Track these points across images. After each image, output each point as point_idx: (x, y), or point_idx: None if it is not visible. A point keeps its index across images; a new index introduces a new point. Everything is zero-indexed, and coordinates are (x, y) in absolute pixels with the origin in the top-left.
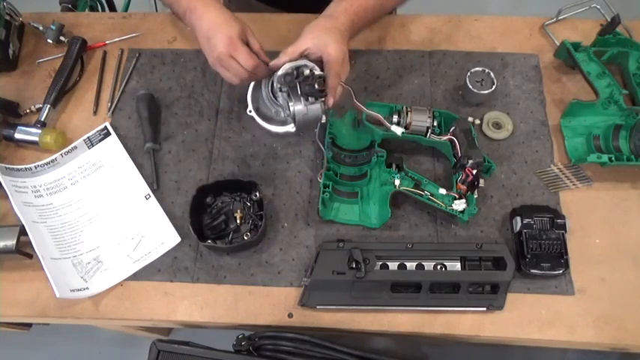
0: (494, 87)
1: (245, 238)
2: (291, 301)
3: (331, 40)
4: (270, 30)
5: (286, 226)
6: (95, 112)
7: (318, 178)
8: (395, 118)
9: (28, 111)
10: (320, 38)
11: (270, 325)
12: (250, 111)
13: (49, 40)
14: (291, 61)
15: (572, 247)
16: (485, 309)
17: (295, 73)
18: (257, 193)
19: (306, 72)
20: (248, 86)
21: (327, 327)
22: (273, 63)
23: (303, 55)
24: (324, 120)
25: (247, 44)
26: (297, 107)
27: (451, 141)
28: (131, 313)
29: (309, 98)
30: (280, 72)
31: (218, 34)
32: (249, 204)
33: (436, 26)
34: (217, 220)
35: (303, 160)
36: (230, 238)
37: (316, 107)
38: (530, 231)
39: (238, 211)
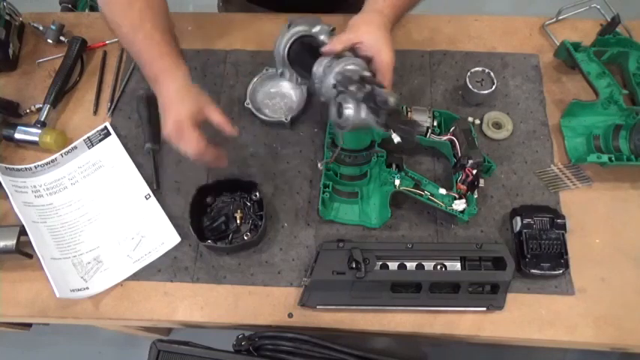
0: (494, 87)
1: (245, 238)
2: (291, 301)
3: (384, 43)
4: (265, 31)
5: (286, 226)
6: (95, 112)
7: (319, 166)
8: None
9: (28, 111)
10: (376, 39)
11: (270, 325)
12: (248, 103)
13: (49, 40)
14: (344, 50)
15: (572, 247)
16: (485, 309)
17: (358, 79)
18: (257, 193)
19: (364, 75)
20: (249, 83)
21: (327, 327)
22: (327, 48)
23: (352, 47)
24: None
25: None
26: (362, 114)
27: (451, 141)
28: (131, 313)
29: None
30: (338, 71)
31: (168, 115)
32: (249, 204)
33: (436, 26)
34: (217, 221)
35: (303, 160)
36: (230, 238)
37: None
38: (530, 231)
39: (238, 211)
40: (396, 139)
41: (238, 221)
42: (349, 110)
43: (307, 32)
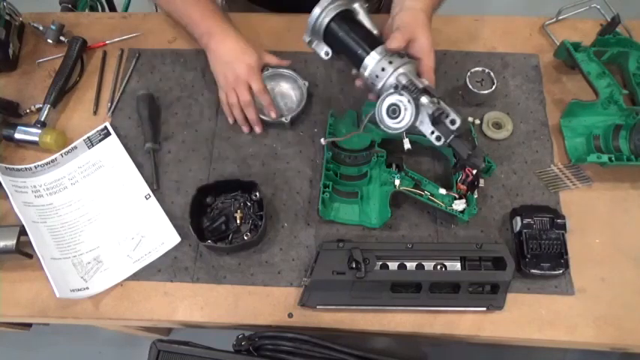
0: (494, 87)
1: (245, 238)
2: (291, 301)
3: (431, 47)
4: (265, 31)
5: (286, 226)
6: (95, 112)
7: (322, 141)
8: None
9: (28, 111)
10: (427, 42)
11: (270, 325)
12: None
13: (49, 40)
14: (398, 48)
15: (572, 247)
16: (485, 309)
17: (422, 89)
18: (257, 193)
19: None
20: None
21: (327, 327)
22: (393, 46)
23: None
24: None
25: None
26: (421, 123)
27: None
28: (131, 313)
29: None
30: (403, 72)
31: (239, 61)
32: (249, 204)
33: (436, 26)
34: (217, 221)
35: (303, 160)
36: (230, 238)
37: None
38: (530, 231)
39: (238, 211)
40: (407, 145)
41: (238, 221)
42: (407, 114)
43: (348, 7)
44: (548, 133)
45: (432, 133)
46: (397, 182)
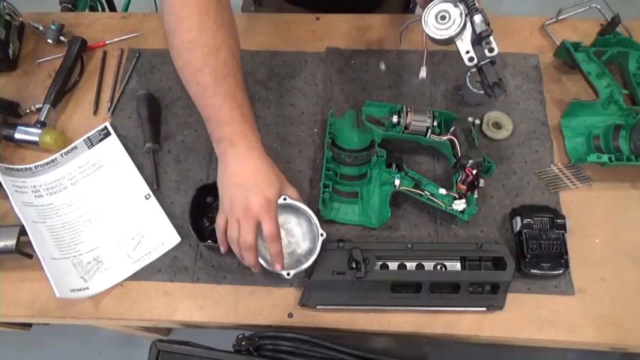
0: None
1: None
2: (291, 301)
3: None
4: (265, 31)
5: None
6: (95, 112)
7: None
8: (395, 119)
9: (28, 111)
10: None
11: (270, 325)
12: None
13: (49, 40)
14: None
15: (572, 247)
16: (485, 309)
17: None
18: None
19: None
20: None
21: (327, 327)
22: None
23: None
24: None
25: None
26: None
27: (451, 141)
28: (131, 313)
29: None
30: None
31: (256, 190)
32: None
33: None
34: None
35: (303, 160)
36: None
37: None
38: (530, 231)
39: None
40: (422, 74)
41: None
42: (455, 25)
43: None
44: (548, 133)
45: (467, 52)
46: (397, 182)
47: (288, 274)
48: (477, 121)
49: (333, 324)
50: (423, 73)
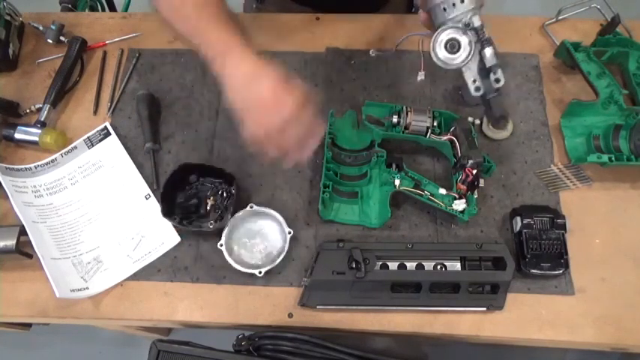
0: None
1: (210, 226)
2: (291, 301)
3: None
4: (264, 31)
5: None
6: (95, 112)
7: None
8: (395, 119)
9: (28, 111)
10: None
11: (270, 325)
12: None
13: (49, 40)
14: None
15: (572, 247)
16: (485, 309)
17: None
18: (233, 189)
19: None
20: None
21: (327, 327)
22: None
23: None
24: None
25: None
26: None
27: (451, 141)
28: (131, 313)
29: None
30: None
31: (264, 78)
32: (225, 195)
33: None
34: (190, 201)
35: None
36: (192, 220)
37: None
38: (530, 231)
39: (211, 197)
40: (421, 77)
41: (208, 207)
42: (464, 54)
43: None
44: (548, 133)
45: (474, 82)
46: (397, 182)
47: (260, 272)
48: (477, 121)
49: (333, 324)
50: (421, 77)
